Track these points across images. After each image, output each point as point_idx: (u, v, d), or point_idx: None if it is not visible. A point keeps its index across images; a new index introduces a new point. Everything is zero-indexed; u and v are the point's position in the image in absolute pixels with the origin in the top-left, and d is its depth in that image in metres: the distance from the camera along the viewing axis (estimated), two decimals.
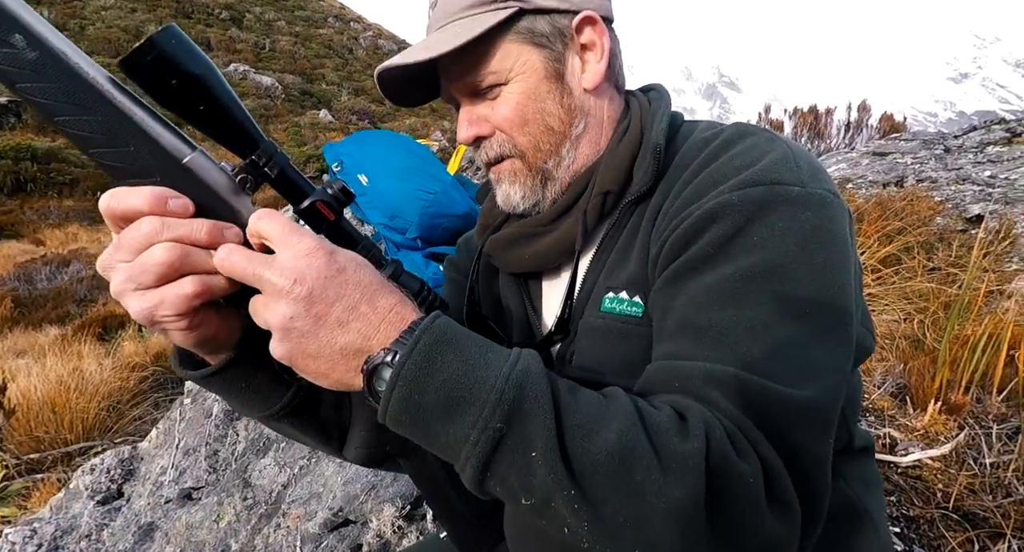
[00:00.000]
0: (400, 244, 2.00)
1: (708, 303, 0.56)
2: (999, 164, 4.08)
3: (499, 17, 0.65)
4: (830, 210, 0.58)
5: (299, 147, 14.88)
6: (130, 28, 19.59)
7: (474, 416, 0.46)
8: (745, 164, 0.61)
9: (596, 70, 0.70)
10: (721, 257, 0.57)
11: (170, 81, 0.48)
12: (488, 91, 0.69)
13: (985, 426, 1.49)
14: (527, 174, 0.72)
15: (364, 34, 31.04)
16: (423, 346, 0.48)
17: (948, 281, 2.76)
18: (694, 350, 0.55)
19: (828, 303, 0.55)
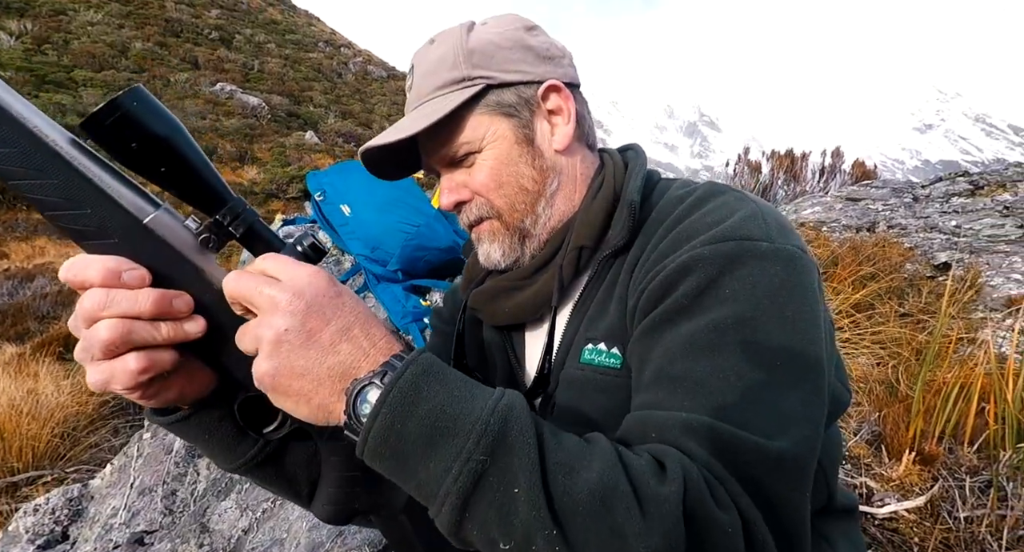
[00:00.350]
0: (381, 276, 1.97)
1: (683, 354, 0.57)
2: (963, 214, 4.24)
3: (467, 95, 0.71)
4: (798, 265, 0.60)
5: (283, 167, 14.81)
6: (116, 44, 19.51)
7: (457, 447, 0.45)
8: (716, 220, 0.64)
9: (564, 132, 0.75)
10: (695, 309, 0.59)
11: (131, 143, 0.47)
12: (464, 159, 0.74)
13: (958, 478, 1.49)
14: (506, 233, 0.76)
15: (354, 59, 31.43)
16: (410, 375, 0.47)
17: (919, 327, 2.82)
18: (670, 400, 0.56)
19: (799, 354, 0.56)
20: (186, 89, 18.77)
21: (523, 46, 0.74)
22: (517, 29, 0.75)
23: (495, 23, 0.76)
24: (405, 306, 1.91)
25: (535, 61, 0.74)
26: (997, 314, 3.21)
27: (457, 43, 0.72)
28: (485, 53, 0.72)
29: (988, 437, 1.54)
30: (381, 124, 23.11)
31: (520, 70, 0.73)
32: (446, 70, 0.72)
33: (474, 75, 0.71)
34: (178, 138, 0.50)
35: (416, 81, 0.75)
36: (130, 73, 18.24)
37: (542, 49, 0.75)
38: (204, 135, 16.06)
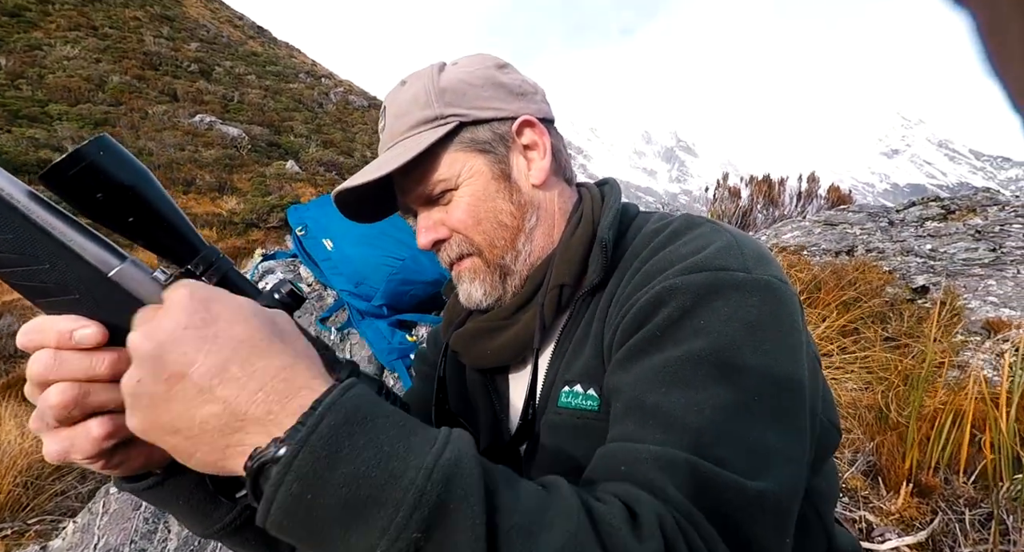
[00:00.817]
0: (365, 311, 1.92)
1: (655, 385, 0.54)
2: (938, 238, 4.34)
3: (440, 132, 0.70)
4: (777, 295, 0.58)
5: (263, 197, 14.70)
6: (93, 77, 19.39)
7: (385, 521, 0.37)
8: (691, 252, 0.62)
9: (541, 167, 0.74)
10: (668, 340, 0.56)
11: (96, 194, 0.45)
12: (441, 197, 0.73)
13: (958, 511, 1.47)
14: (486, 271, 0.74)
15: (335, 89, 31.70)
16: (325, 428, 0.38)
17: (904, 352, 2.84)
18: (642, 432, 0.52)
19: (779, 388, 0.53)
20: (164, 121, 18.66)
21: (495, 83, 0.74)
22: (488, 67, 0.75)
23: (466, 62, 0.76)
24: (391, 342, 1.86)
25: (507, 97, 0.74)
26: (977, 337, 3.25)
27: (428, 83, 0.72)
28: (457, 91, 0.71)
29: (984, 468, 1.52)
30: (362, 153, 23.20)
31: (493, 107, 0.73)
32: (419, 109, 0.71)
33: (447, 113, 0.71)
34: (146, 187, 0.47)
35: (389, 122, 0.74)
36: (107, 106, 18.11)
37: (514, 86, 0.75)
38: (183, 166, 15.92)
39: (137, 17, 26.90)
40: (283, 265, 2.21)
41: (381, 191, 0.75)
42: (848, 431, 2.17)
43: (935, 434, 1.59)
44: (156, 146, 16.45)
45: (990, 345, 3.25)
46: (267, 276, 2.15)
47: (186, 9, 32.89)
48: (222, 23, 35.26)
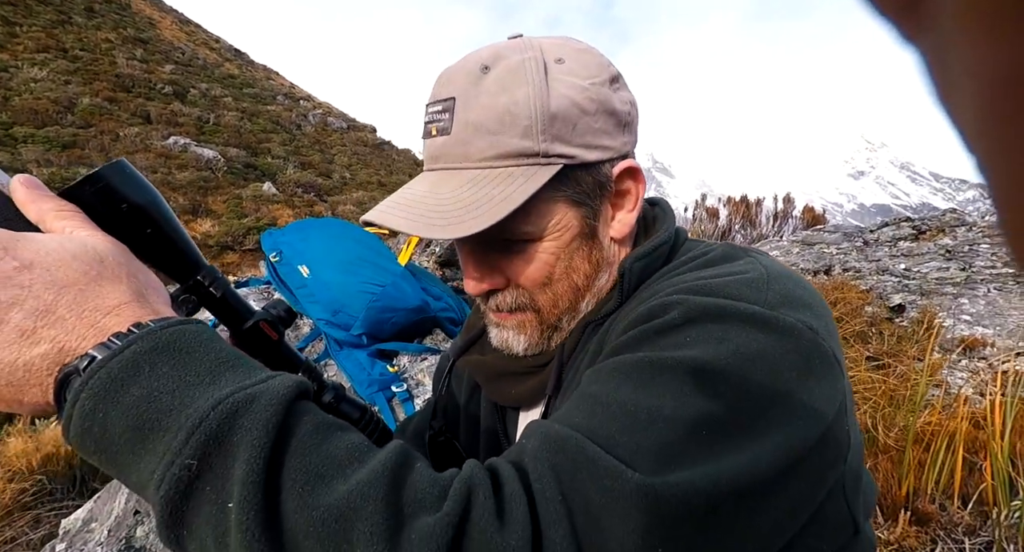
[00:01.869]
0: (343, 341, 1.83)
1: (610, 376, 0.48)
2: (911, 258, 4.43)
3: (543, 179, 0.55)
4: (794, 340, 0.47)
5: (239, 219, 14.46)
6: (62, 100, 19.02)
7: (163, 446, 0.36)
8: (711, 276, 0.55)
9: (626, 221, 0.64)
10: (645, 345, 0.50)
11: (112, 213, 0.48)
12: (515, 245, 0.60)
13: (957, 539, 1.44)
14: (536, 327, 0.64)
15: (313, 111, 31.66)
16: (131, 353, 0.38)
17: (887, 371, 2.85)
18: (567, 414, 0.47)
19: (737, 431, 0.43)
20: (137, 143, 18.33)
21: (607, 111, 0.59)
22: (604, 82, 0.59)
23: (575, 64, 0.58)
24: (371, 373, 1.78)
25: (615, 130, 0.60)
26: (953, 355, 3.30)
27: (536, 96, 0.55)
28: (568, 120, 0.56)
29: (981, 494, 1.50)
30: (341, 174, 23.07)
31: (602, 145, 0.59)
32: (515, 134, 0.55)
33: (553, 152, 0.56)
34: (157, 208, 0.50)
35: (459, 129, 0.56)
36: (76, 129, 17.73)
37: (624, 112, 0.61)
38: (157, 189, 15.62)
39: (109, 39, 26.61)
40: (256, 292, 2.12)
41: None
42: None
43: (930, 460, 1.56)
44: None
45: (967, 363, 3.29)
46: None
47: (160, 31, 32.70)
48: (198, 45, 35.11)
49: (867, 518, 0.63)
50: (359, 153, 27.45)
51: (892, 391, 2.56)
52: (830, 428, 0.46)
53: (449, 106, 0.57)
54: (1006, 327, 3.48)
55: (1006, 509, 1.38)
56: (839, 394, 0.48)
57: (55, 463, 3.96)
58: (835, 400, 0.48)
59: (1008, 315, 3.65)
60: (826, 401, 0.47)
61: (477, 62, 0.57)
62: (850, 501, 0.55)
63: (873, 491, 0.66)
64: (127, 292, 0.42)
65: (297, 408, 0.40)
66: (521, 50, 0.57)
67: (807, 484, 0.46)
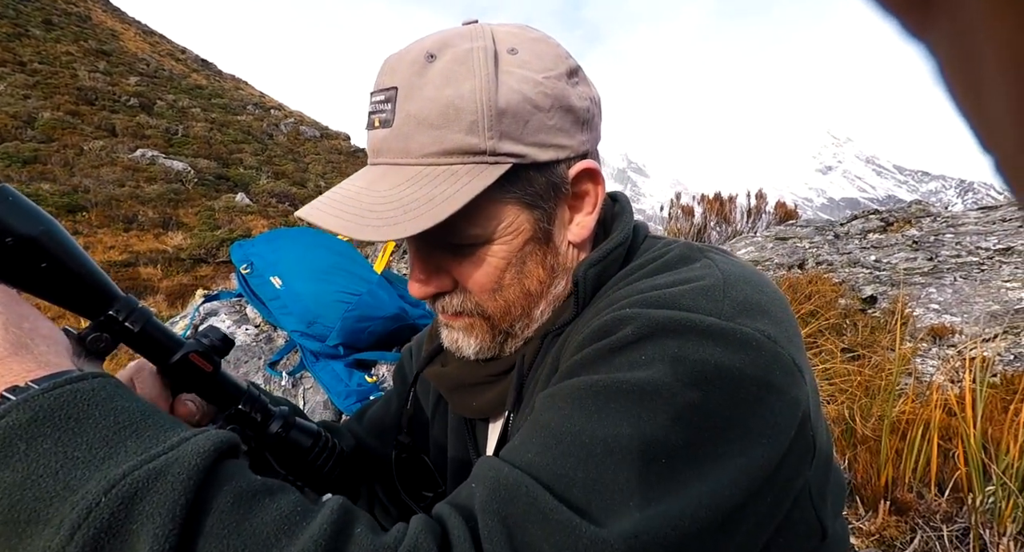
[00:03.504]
0: (319, 353, 1.79)
1: (563, 401, 0.46)
2: (880, 249, 4.54)
3: (490, 179, 0.51)
4: (752, 353, 0.45)
5: (211, 231, 14.19)
6: (21, 114, 18.45)
7: (44, 543, 0.30)
8: (666, 284, 0.52)
9: (585, 223, 0.60)
10: (600, 364, 0.48)
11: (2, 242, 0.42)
12: (462, 249, 0.56)
13: (935, 527, 1.46)
14: (486, 332, 0.61)
15: (285, 120, 31.26)
16: (2, 429, 0.32)
17: (862, 362, 2.91)
18: (520, 447, 0.46)
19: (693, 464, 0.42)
20: (102, 157, 17.87)
21: (564, 106, 0.55)
22: (560, 76, 0.55)
23: (530, 55, 0.54)
24: (348, 385, 1.74)
25: (573, 128, 0.56)
26: (924, 344, 3.37)
27: (482, 90, 0.51)
28: (519, 116, 0.52)
29: (956, 481, 1.53)
30: (316, 183, 22.79)
31: (556, 144, 0.55)
32: (459, 129, 0.51)
33: (501, 150, 0.52)
34: (51, 238, 0.44)
35: (402, 121, 0.52)
36: (37, 143, 17.22)
37: (582, 109, 0.57)
38: (123, 203, 15.23)
39: (70, 52, 25.92)
40: (228, 306, 2.07)
41: None
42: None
43: (907, 449, 1.59)
44: (93, 183, 15.69)
45: (937, 351, 3.38)
46: (210, 318, 2.00)
47: (123, 43, 31.98)
48: (163, 57, 34.44)
49: (836, 517, 0.61)
50: (333, 161, 27.16)
51: (868, 382, 2.61)
52: (793, 440, 0.46)
53: (392, 96, 0.53)
54: (973, 314, 3.58)
55: (981, 495, 1.40)
56: (802, 402, 0.47)
57: None
58: (797, 410, 0.47)
59: (974, 302, 3.75)
60: (788, 414, 0.46)
61: (422, 50, 0.53)
62: (817, 506, 0.54)
63: (842, 489, 0.65)
64: (6, 344, 0.37)
65: (216, 476, 0.34)
66: (471, 38, 0.53)
67: (771, 500, 0.45)
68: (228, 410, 0.56)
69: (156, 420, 0.37)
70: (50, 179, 15.41)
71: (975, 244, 4.38)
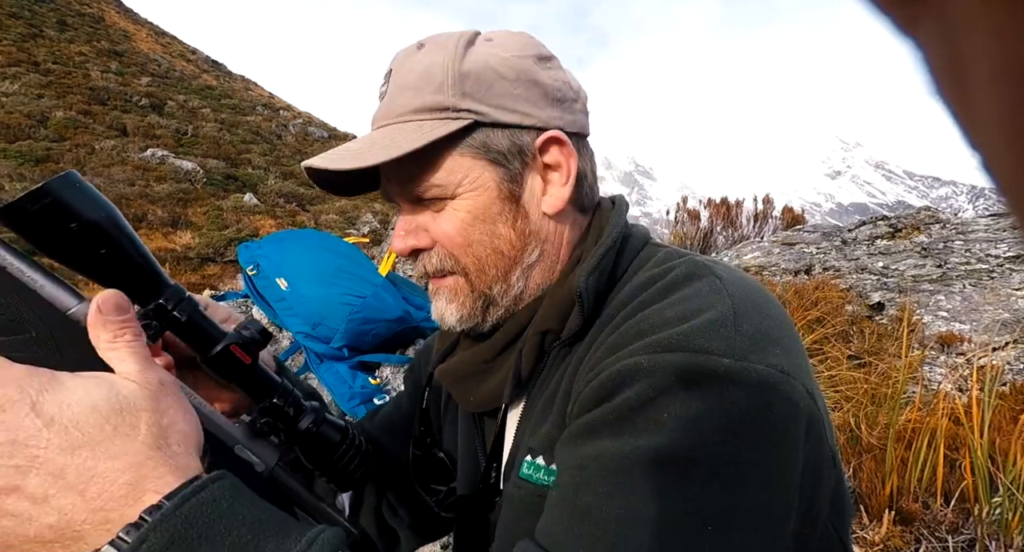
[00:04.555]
0: (323, 355, 1.80)
1: (597, 480, 0.48)
2: (888, 256, 4.50)
3: (448, 129, 0.58)
4: (769, 394, 0.47)
5: (219, 230, 14.29)
6: (34, 113, 18.66)
7: None
8: (675, 318, 0.52)
9: (559, 195, 0.63)
10: (623, 428, 0.48)
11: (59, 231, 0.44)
12: (431, 202, 0.62)
13: (940, 537, 1.45)
14: (468, 294, 0.64)
15: (294, 121, 31.45)
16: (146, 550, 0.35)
17: (868, 370, 2.89)
18: (565, 535, 0.48)
19: (736, 520, 0.45)
20: (113, 156, 18.04)
21: (530, 80, 0.61)
22: (527, 57, 0.62)
23: (503, 41, 0.62)
24: (352, 387, 1.75)
25: (541, 101, 0.61)
26: (932, 352, 3.35)
27: (449, 59, 0.59)
28: (481, 80, 0.59)
29: (963, 490, 1.52)
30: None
31: (520, 110, 0.60)
32: (429, 90, 0.59)
33: (462, 106, 0.59)
34: (113, 224, 0.47)
35: (391, 91, 0.62)
36: (49, 142, 17.40)
37: (552, 87, 0.62)
38: (133, 202, 15.37)
39: (83, 52, 26.22)
40: (234, 306, 2.08)
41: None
42: None
43: (912, 458, 1.58)
44: (104, 182, 15.84)
45: (945, 359, 3.34)
46: None
47: (136, 44, 32.30)
48: (174, 58, 34.73)
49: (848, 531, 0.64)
50: None
51: (874, 389, 2.58)
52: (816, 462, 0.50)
53: (388, 75, 0.64)
54: (982, 322, 3.55)
55: (987, 506, 1.39)
56: (818, 426, 0.50)
57: None
58: (822, 445, 0.50)
59: (983, 310, 3.71)
60: (812, 446, 0.49)
61: (416, 42, 0.63)
62: (835, 524, 0.57)
63: (849, 501, 0.67)
64: (140, 450, 0.39)
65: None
66: (456, 33, 0.62)
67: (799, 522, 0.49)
68: (263, 403, 0.57)
69: (275, 524, 0.40)
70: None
71: (985, 251, 4.34)
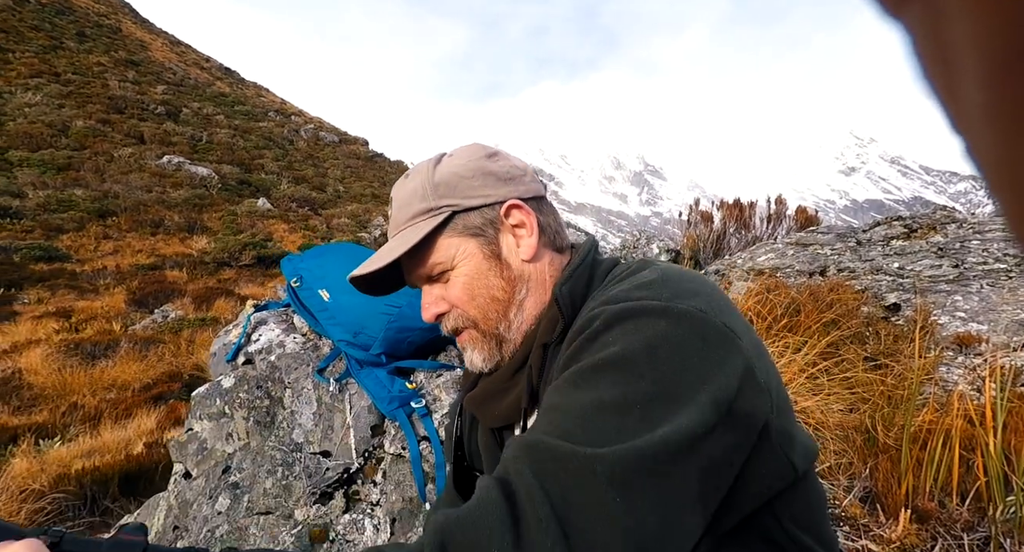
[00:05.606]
0: (363, 361, 1.90)
1: (561, 388, 0.63)
2: (904, 256, 4.52)
3: (435, 222, 0.80)
4: (688, 321, 0.61)
5: (234, 235, 14.47)
6: (56, 123, 19.03)
7: None
8: (621, 288, 0.70)
9: (529, 243, 0.83)
10: (583, 353, 0.65)
11: None
12: (440, 276, 0.83)
13: (956, 536, 1.51)
14: (483, 340, 0.83)
15: (305, 126, 31.74)
16: None
17: (884, 371, 2.92)
18: (538, 425, 0.62)
19: (658, 400, 0.57)
20: (131, 164, 18.37)
21: (484, 172, 0.82)
22: (479, 158, 0.84)
23: (460, 154, 0.85)
24: (391, 390, 1.84)
25: (496, 184, 0.82)
26: (949, 352, 3.37)
27: (425, 177, 0.82)
28: (449, 184, 0.81)
29: (978, 490, 1.58)
30: (334, 187, 23.12)
31: (482, 194, 0.81)
32: (417, 201, 0.81)
33: (440, 204, 0.80)
34: None
35: (394, 213, 0.85)
36: (70, 151, 17.76)
37: (502, 172, 0.84)
38: (150, 208, 15.62)
39: (101, 62, 26.69)
40: (275, 315, 2.19)
41: (392, 271, 0.86)
42: (840, 455, 2.21)
43: (927, 458, 1.64)
44: (123, 189, 16.15)
45: (963, 360, 3.37)
46: (260, 327, 2.13)
47: (152, 53, 32.79)
48: (189, 66, 35.19)
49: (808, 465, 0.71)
50: (352, 166, 27.51)
51: (890, 391, 2.63)
52: (742, 382, 0.60)
53: (391, 203, 0.87)
54: (1000, 323, 3.57)
55: (1002, 505, 1.45)
56: (741, 353, 0.62)
57: (66, 483, 3.99)
58: (738, 359, 0.61)
59: (1001, 311, 3.73)
60: (730, 362, 0.60)
61: (405, 175, 0.87)
62: (783, 446, 0.66)
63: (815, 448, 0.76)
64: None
65: None
66: (427, 160, 0.86)
67: (735, 431, 0.59)
68: None
69: None
70: (83, 185, 15.89)
71: (1003, 250, 4.35)
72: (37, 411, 6.13)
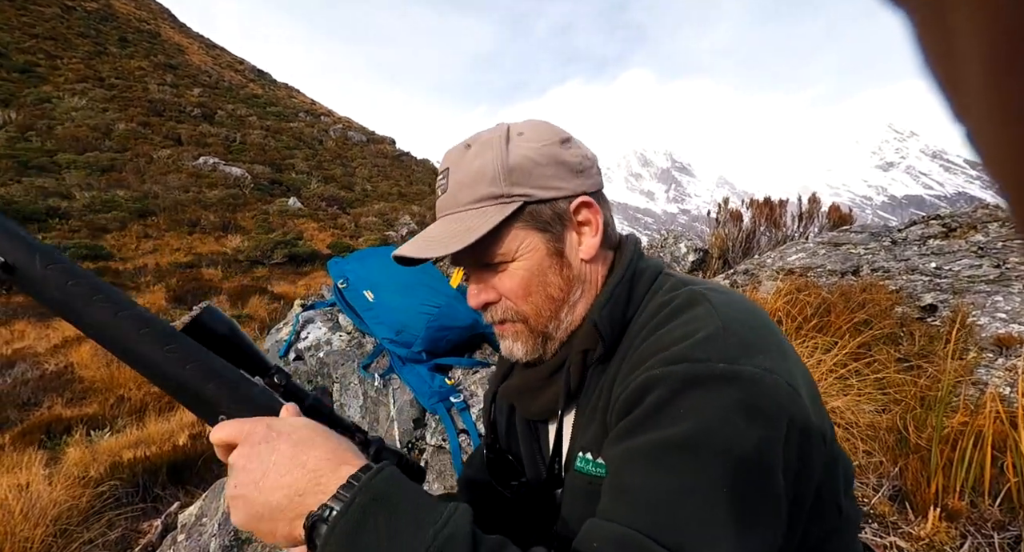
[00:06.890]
0: (405, 358, 2.01)
1: (630, 466, 0.61)
2: (941, 256, 4.44)
3: (506, 212, 0.74)
4: (758, 387, 0.60)
5: (267, 234, 14.84)
6: (100, 126, 19.82)
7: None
8: (680, 337, 0.67)
9: (592, 244, 0.79)
10: (650, 424, 0.62)
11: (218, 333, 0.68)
12: (497, 265, 0.78)
13: (986, 535, 1.53)
14: (529, 335, 0.80)
15: (334, 126, 32.30)
16: (357, 506, 0.52)
17: (917, 372, 2.90)
18: (614, 508, 0.60)
19: (745, 478, 0.56)
20: (169, 165, 19.01)
21: (558, 162, 0.77)
22: (553, 143, 0.78)
23: (532, 134, 0.78)
24: (432, 386, 1.95)
25: (568, 176, 0.77)
26: (989, 354, 3.31)
27: (497, 157, 0.75)
28: (524, 170, 0.75)
29: (1009, 490, 1.59)
30: (363, 186, 23.49)
31: (555, 186, 0.76)
32: (485, 184, 0.75)
33: (513, 192, 0.74)
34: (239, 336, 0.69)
35: (452, 187, 0.78)
36: (113, 153, 18.49)
37: (575, 163, 0.78)
38: (188, 207, 16.12)
39: (142, 67, 27.65)
40: (322, 314, 2.32)
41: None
42: (870, 454, 2.23)
43: (958, 458, 1.66)
44: (161, 189, 16.72)
45: (1003, 362, 3.31)
46: (307, 325, 2.25)
47: (189, 57, 33.79)
48: (223, 68, 36.14)
49: (846, 495, 0.76)
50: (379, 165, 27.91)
51: (923, 393, 2.61)
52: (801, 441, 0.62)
53: (446, 173, 0.79)
54: None
55: None
56: (803, 410, 0.63)
57: (120, 471, 4.22)
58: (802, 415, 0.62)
59: None
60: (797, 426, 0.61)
61: (464, 142, 0.80)
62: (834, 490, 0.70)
63: (850, 469, 0.79)
64: (333, 446, 0.59)
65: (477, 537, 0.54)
66: (493, 131, 0.79)
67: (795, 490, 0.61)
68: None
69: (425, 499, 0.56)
70: (125, 186, 16.51)
71: None
72: (87, 403, 6.46)
